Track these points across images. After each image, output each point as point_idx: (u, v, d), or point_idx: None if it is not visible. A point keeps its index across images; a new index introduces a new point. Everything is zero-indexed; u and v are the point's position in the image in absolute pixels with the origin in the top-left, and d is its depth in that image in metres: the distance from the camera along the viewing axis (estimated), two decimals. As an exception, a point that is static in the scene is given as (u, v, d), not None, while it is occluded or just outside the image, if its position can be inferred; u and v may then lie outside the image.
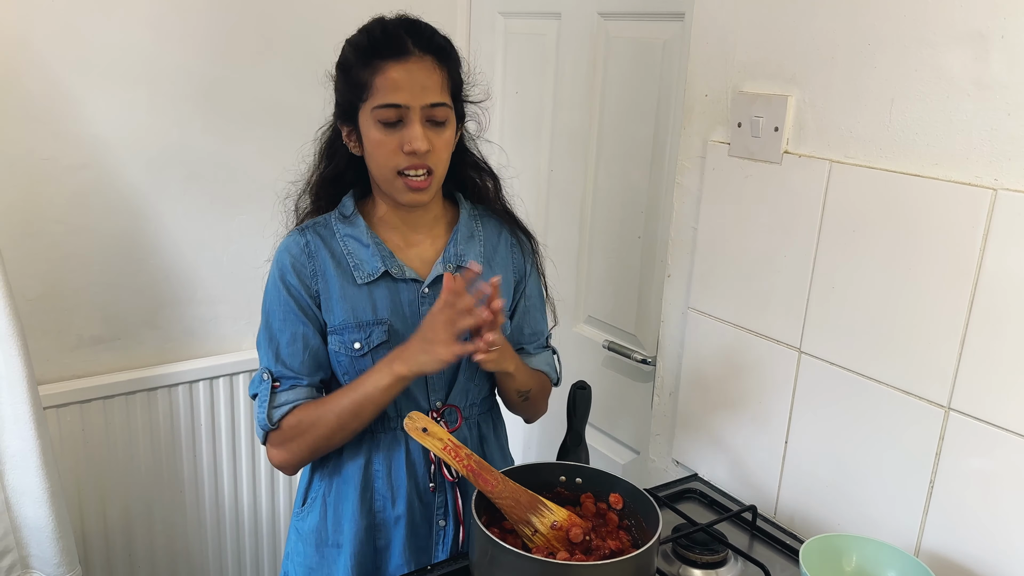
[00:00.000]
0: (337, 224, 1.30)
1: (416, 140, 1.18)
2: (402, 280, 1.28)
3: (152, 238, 1.90)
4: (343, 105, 1.26)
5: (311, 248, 1.27)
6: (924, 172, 1.15)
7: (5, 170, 1.70)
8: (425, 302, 1.29)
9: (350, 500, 1.32)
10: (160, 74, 1.83)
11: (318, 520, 1.35)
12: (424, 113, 1.19)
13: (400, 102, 1.18)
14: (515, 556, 1.03)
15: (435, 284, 1.29)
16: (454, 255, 1.31)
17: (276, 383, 1.26)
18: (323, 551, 1.35)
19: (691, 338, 1.54)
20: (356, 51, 1.22)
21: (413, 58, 1.19)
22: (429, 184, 1.22)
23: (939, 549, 1.18)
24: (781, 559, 1.31)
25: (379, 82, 1.18)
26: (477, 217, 1.37)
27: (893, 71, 1.17)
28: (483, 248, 1.35)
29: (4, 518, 1.59)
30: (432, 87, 1.20)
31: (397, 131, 1.19)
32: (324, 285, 1.26)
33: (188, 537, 2.08)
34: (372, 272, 1.27)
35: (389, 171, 1.21)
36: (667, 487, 1.51)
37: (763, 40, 1.34)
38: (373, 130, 1.20)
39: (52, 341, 1.84)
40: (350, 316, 1.26)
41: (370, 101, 1.19)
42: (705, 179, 1.46)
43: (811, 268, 1.30)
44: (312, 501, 1.37)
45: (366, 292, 1.26)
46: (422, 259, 1.31)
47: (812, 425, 1.34)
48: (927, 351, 1.16)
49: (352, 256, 1.27)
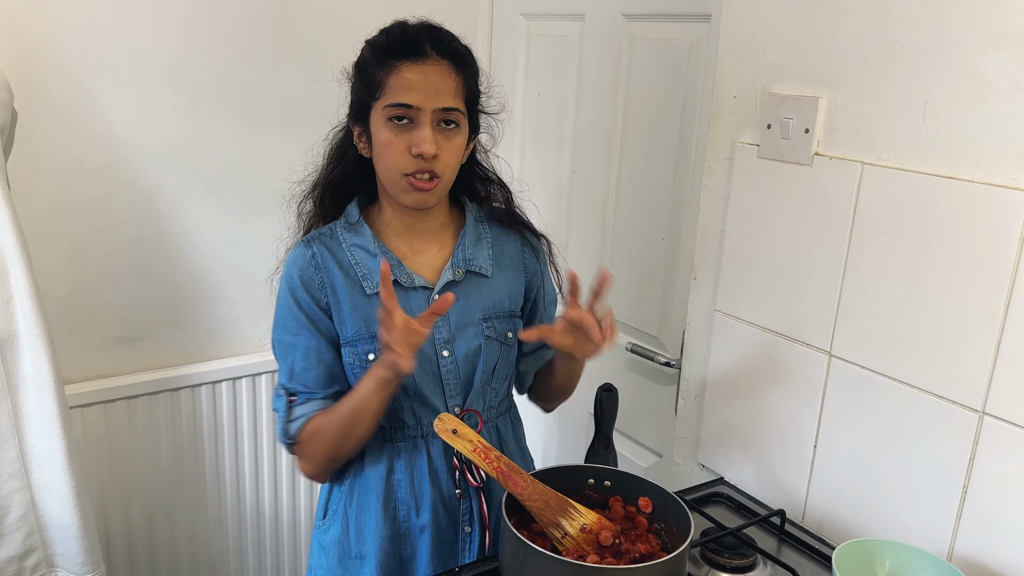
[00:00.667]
0: (343, 233, 1.29)
1: (424, 143, 1.17)
2: (412, 288, 1.27)
3: (175, 239, 1.91)
4: (356, 104, 1.25)
5: (318, 260, 1.26)
6: (959, 174, 1.14)
7: (31, 172, 1.71)
8: None
9: (372, 510, 1.31)
10: (183, 77, 1.84)
11: (340, 532, 1.34)
12: (435, 117, 1.19)
13: (411, 102, 1.17)
14: (547, 559, 1.03)
15: (445, 290, 1.28)
16: (462, 259, 1.30)
17: (292, 397, 1.27)
18: (346, 563, 1.34)
19: (718, 341, 1.53)
20: (374, 50, 1.22)
21: (430, 61, 1.18)
22: (434, 187, 1.21)
23: (972, 555, 1.17)
24: (810, 564, 1.30)
25: (393, 81, 1.18)
26: (484, 220, 1.36)
27: (927, 72, 1.16)
28: (491, 251, 1.34)
29: (30, 517, 1.60)
30: (446, 91, 1.19)
31: (407, 132, 1.18)
32: (334, 297, 1.26)
33: (209, 537, 2.08)
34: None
35: (396, 172, 1.20)
36: (693, 491, 1.50)
37: (793, 41, 1.33)
38: (383, 130, 1.19)
39: (77, 341, 1.85)
40: (362, 327, 1.25)
41: (382, 100, 1.19)
42: (733, 181, 1.46)
43: (842, 271, 1.29)
44: (333, 513, 1.36)
45: (376, 302, 1.24)
46: (430, 266, 1.30)
47: (842, 429, 1.33)
48: (961, 355, 1.15)
49: (360, 266, 1.26)
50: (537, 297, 1.40)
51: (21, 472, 1.57)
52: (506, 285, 1.34)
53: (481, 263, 1.32)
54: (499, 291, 1.33)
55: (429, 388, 1.27)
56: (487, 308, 1.31)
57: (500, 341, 1.32)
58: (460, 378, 1.29)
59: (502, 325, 1.33)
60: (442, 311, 1.13)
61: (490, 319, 1.31)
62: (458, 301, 1.28)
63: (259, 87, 1.93)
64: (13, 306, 1.50)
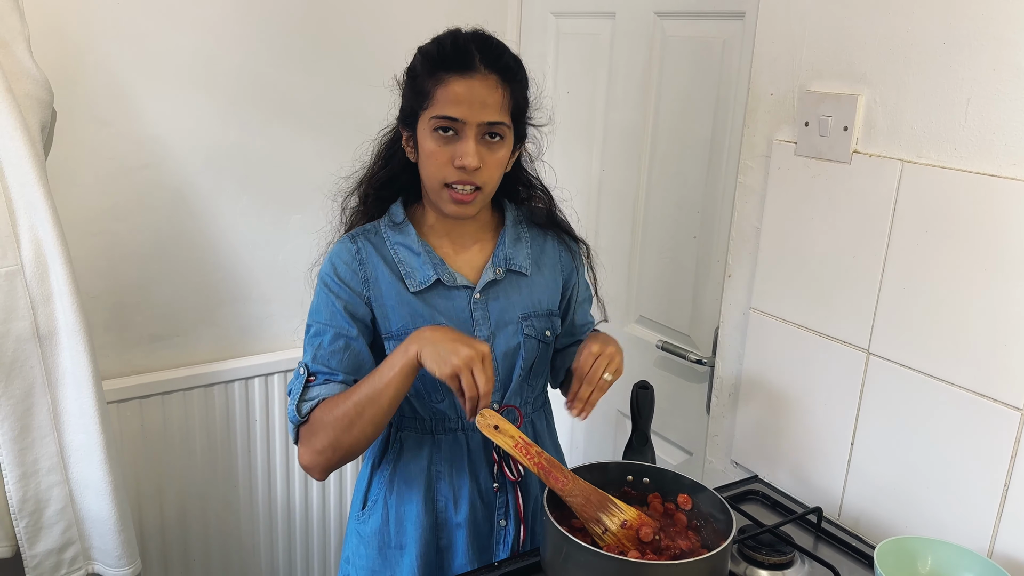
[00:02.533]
0: (387, 231, 1.31)
1: (467, 156, 1.18)
2: (454, 287, 1.29)
3: (210, 237, 1.93)
4: (406, 110, 1.27)
5: (362, 255, 1.28)
6: (1002, 172, 1.14)
7: (71, 170, 1.73)
8: (477, 307, 1.29)
9: (414, 501, 1.32)
10: (219, 76, 1.85)
11: (380, 523, 1.35)
12: (480, 130, 1.19)
13: (457, 116, 1.18)
14: (590, 554, 1.04)
15: (486, 289, 1.30)
16: (503, 259, 1.32)
17: (311, 377, 1.24)
18: (386, 553, 1.36)
19: (752, 339, 1.53)
20: (425, 59, 1.23)
21: (478, 75, 1.19)
22: (474, 199, 1.23)
23: (1014, 553, 1.17)
24: (848, 561, 1.30)
25: (441, 93, 1.19)
26: (523, 222, 1.38)
27: (969, 70, 1.16)
28: (530, 250, 1.36)
29: (68, 510, 1.62)
30: (492, 105, 1.20)
31: (451, 144, 1.20)
32: (377, 292, 1.27)
33: (241, 532, 2.10)
34: (424, 280, 1.27)
35: (437, 182, 1.22)
36: (727, 488, 1.50)
37: (832, 39, 1.33)
38: (428, 139, 1.21)
39: (113, 337, 1.87)
40: (408, 323, 1.26)
41: (429, 110, 1.20)
42: (770, 179, 1.46)
43: (881, 269, 1.29)
44: (373, 504, 1.37)
45: (422, 299, 1.27)
46: (472, 265, 1.32)
47: (880, 427, 1.33)
48: (1002, 353, 1.15)
49: (403, 264, 1.28)
50: (572, 296, 1.42)
51: (60, 466, 1.59)
52: (544, 284, 1.36)
53: (521, 262, 1.33)
54: (538, 290, 1.35)
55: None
56: (526, 307, 1.33)
57: (538, 339, 1.34)
58: (499, 375, 1.31)
59: (540, 324, 1.34)
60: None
61: (529, 318, 1.33)
62: (498, 300, 1.31)
63: (293, 87, 1.95)
64: (53, 303, 1.52)
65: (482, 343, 1.12)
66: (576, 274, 1.42)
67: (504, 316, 1.31)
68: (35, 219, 1.48)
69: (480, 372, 1.10)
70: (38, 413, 1.55)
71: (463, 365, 1.09)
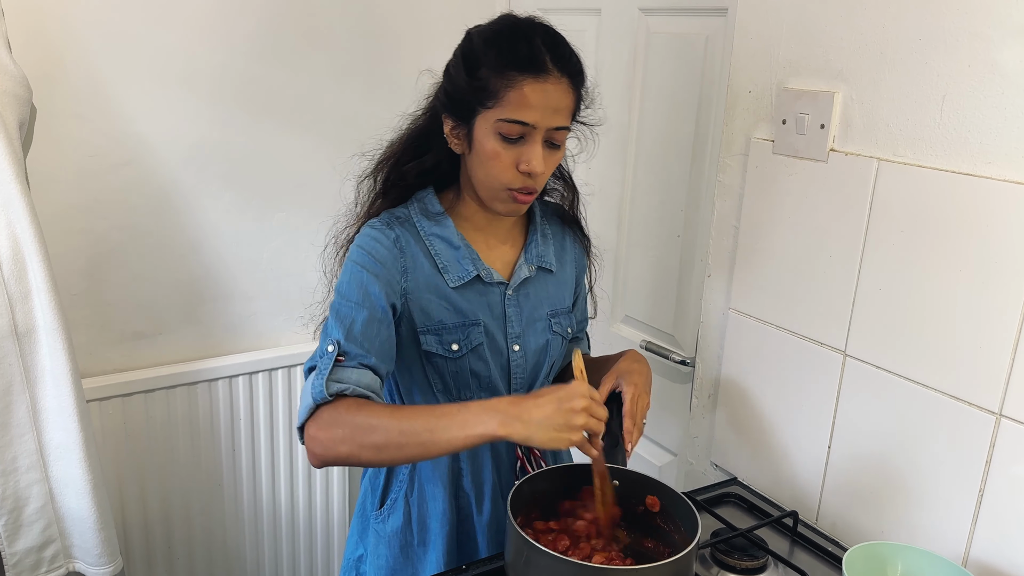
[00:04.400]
0: (419, 220, 1.25)
1: (535, 161, 1.15)
2: (491, 283, 1.27)
3: (193, 235, 1.92)
4: (458, 100, 1.18)
5: (401, 243, 1.22)
6: (977, 171, 1.12)
7: (50, 167, 1.73)
8: (511, 304, 1.28)
9: (437, 499, 1.30)
10: (202, 74, 1.84)
11: (401, 522, 1.32)
12: (547, 135, 1.16)
13: (529, 121, 1.13)
14: (551, 559, 1.02)
15: (520, 287, 1.29)
16: (535, 256, 1.32)
17: (341, 356, 1.15)
18: (407, 552, 1.33)
19: (732, 339, 1.51)
20: (489, 53, 1.14)
21: (551, 78, 1.13)
22: (530, 201, 1.21)
23: (988, 559, 1.15)
24: (823, 566, 1.28)
25: (512, 96, 1.12)
26: (546, 216, 1.38)
27: (945, 67, 1.14)
28: (554, 247, 1.36)
29: (48, 509, 1.62)
30: (563, 111, 1.16)
31: (516, 147, 1.15)
32: (415, 284, 1.22)
33: (225, 531, 2.10)
34: (463, 276, 1.24)
35: (498, 184, 1.18)
36: (706, 491, 1.48)
37: (809, 35, 1.31)
38: (491, 140, 1.15)
39: (95, 335, 1.87)
40: (447, 317, 1.23)
41: (496, 111, 1.13)
42: (748, 177, 1.44)
43: (857, 269, 1.27)
44: (393, 502, 1.33)
45: (460, 293, 1.24)
46: (504, 261, 1.30)
47: (857, 430, 1.31)
48: (979, 356, 1.13)
49: (440, 257, 1.24)
50: (579, 292, 1.42)
51: (39, 464, 1.59)
52: (565, 282, 1.37)
53: (550, 259, 1.33)
54: (561, 287, 1.36)
55: (499, 381, 1.28)
56: (553, 304, 1.33)
57: (562, 336, 1.35)
58: (527, 372, 1.30)
59: (564, 321, 1.35)
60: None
61: (556, 315, 1.33)
62: (528, 297, 1.30)
63: (276, 84, 1.94)
64: (31, 300, 1.52)
65: (571, 385, 1.07)
66: (585, 271, 1.43)
67: (534, 313, 1.31)
68: (12, 216, 1.48)
69: (597, 407, 1.08)
70: (16, 411, 1.55)
71: (585, 422, 1.05)
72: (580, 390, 1.05)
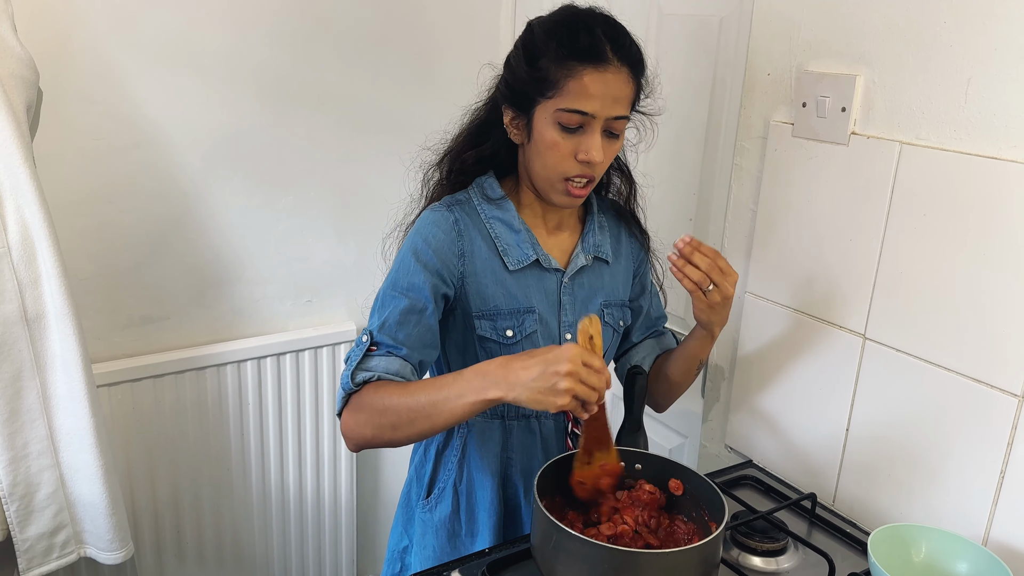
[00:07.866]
0: (482, 205, 1.26)
1: (594, 150, 1.15)
2: (549, 269, 1.27)
3: (201, 218, 1.91)
4: (518, 91, 1.19)
5: (460, 227, 1.22)
6: (1001, 155, 1.12)
7: (58, 151, 1.71)
8: (566, 291, 1.28)
9: (486, 488, 1.30)
10: (210, 57, 1.82)
11: (450, 511, 1.32)
12: (606, 124, 1.16)
13: (588, 110, 1.13)
14: (581, 542, 1.02)
15: (576, 276, 1.29)
16: (592, 246, 1.31)
17: (373, 347, 1.17)
18: (455, 542, 1.33)
19: (748, 322, 1.52)
20: (549, 43, 1.15)
21: (611, 68, 1.13)
22: (587, 192, 1.21)
23: (1009, 541, 1.16)
24: (842, 548, 1.29)
25: (572, 86, 1.13)
26: (604, 208, 1.37)
27: (969, 50, 1.13)
28: (611, 238, 1.35)
29: (59, 494, 1.61)
30: (622, 100, 1.16)
31: (575, 137, 1.15)
32: (472, 267, 1.22)
33: (234, 515, 2.10)
34: (523, 259, 1.24)
35: (556, 174, 1.18)
36: (721, 473, 1.49)
37: (830, 18, 1.30)
38: (550, 130, 1.16)
39: (103, 320, 1.85)
40: (502, 302, 1.23)
41: (555, 101, 1.14)
42: (766, 160, 1.43)
43: (878, 252, 1.27)
44: (441, 491, 1.33)
45: (517, 278, 1.24)
46: (560, 249, 1.30)
47: (875, 413, 1.31)
48: (1000, 338, 1.13)
49: (500, 240, 1.24)
50: (645, 287, 1.42)
51: (50, 450, 1.58)
52: (622, 273, 1.36)
53: (606, 250, 1.33)
54: (616, 279, 1.35)
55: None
56: (607, 295, 1.33)
57: (614, 328, 1.34)
58: None
59: (618, 312, 1.35)
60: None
61: (609, 306, 1.33)
62: (583, 286, 1.30)
63: (284, 67, 1.91)
64: (41, 286, 1.50)
65: (562, 347, 1.02)
66: (644, 265, 1.42)
67: (588, 302, 1.30)
68: (21, 201, 1.46)
69: (589, 374, 1.01)
70: (27, 397, 1.54)
71: (570, 386, 1.00)
72: (568, 353, 1.01)
